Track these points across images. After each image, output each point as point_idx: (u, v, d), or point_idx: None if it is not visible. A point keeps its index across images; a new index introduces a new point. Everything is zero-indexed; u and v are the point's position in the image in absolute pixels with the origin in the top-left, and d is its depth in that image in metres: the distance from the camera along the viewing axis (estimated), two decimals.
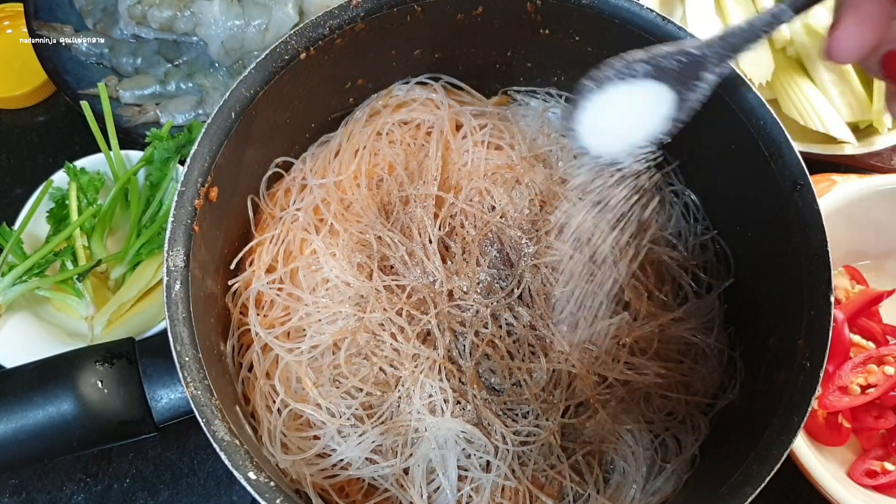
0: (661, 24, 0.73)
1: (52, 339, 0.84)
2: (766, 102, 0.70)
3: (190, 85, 1.02)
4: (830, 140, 0.95)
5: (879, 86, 0.95)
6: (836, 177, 0.88)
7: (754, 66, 0.97)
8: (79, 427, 0.65)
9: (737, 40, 0.60)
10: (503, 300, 0.73)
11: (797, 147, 0.69)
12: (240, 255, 0.76)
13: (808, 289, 0.66)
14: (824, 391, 0.84)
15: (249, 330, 0.73)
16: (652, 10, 0.74)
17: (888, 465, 0.82)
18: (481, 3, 0.77)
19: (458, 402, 0.69)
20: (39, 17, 1.01)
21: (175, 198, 0.64)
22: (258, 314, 0.74)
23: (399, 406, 0.69)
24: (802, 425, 0.61)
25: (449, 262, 0.75)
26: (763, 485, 0.59)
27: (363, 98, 0.84)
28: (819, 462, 0.75)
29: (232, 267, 0.76)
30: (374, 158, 0.81)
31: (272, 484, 0.58)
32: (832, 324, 0.64)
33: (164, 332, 0.61)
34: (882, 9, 0.51)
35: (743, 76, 0.71)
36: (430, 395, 0.69)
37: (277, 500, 0.57)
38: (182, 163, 0.89)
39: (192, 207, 0.65)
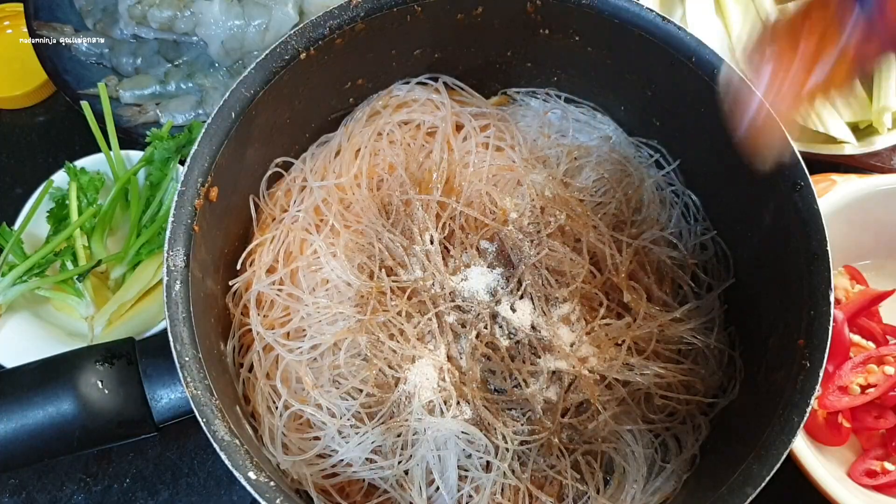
0: (661, 24, 0.73)
1: (52, 339, 0.84)
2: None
3: (190, 85, 1.02)
4: (830, 140, 0.95)
5: (879, 86, 0.95)
6: (835, 177, 0.88)
7: None
8: (79, 427, 0.64)
9: None
10: (503, 301, 0.73)
11: (797, 147, 0.69)
12: (242, 257, 0.76)
13: (808, 289, 0.66)
14: (824, 391, 0.84)
15: (250, 330, 0.73)
16: (652, 11, 0.74)
17: (888, 465, 0.82)
18: (481, 3, 0.77)
19: (459, 403, 0.69)
20: (39, 17, 1.01)
21: (175, 198, 0.64)
22: (259, 315, 0.74)
23: (399, 407, 0.69)
24: (802, 425, 0.61)
25: (449, 264, 0.75)
26: (763, 485, 0.59)
27: (363, 98, 0.84)
28: (819, 462, 0.75)
29: (238, 268, 0.76)
30: (374, 159, 0.81)
31: (272, 484, 0.58)
32: (832, 324, 0.64)
33: (164, 332, 0.61)
34: None
35: (743, 77, 0.71)
36: (430, 396, 0.69)
37: (277, 500, 0.57)
38: (182, 163, 0.89)
39: (192, 207, 0.65)
